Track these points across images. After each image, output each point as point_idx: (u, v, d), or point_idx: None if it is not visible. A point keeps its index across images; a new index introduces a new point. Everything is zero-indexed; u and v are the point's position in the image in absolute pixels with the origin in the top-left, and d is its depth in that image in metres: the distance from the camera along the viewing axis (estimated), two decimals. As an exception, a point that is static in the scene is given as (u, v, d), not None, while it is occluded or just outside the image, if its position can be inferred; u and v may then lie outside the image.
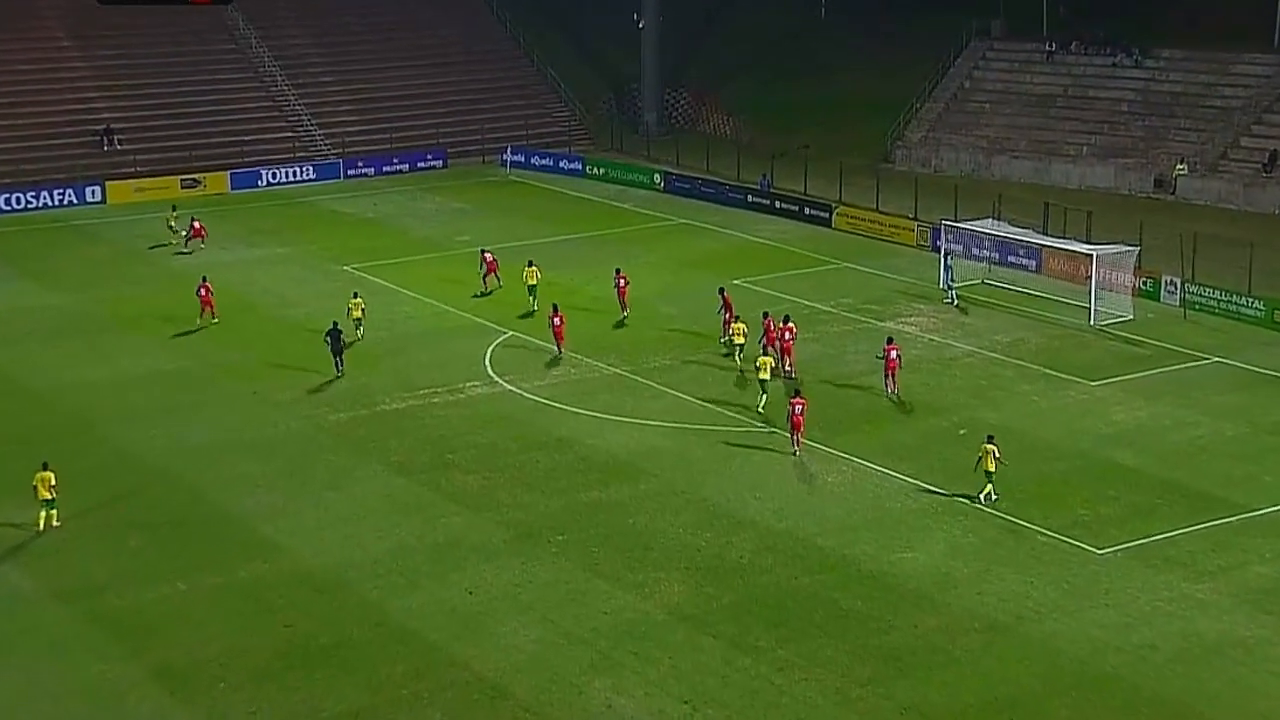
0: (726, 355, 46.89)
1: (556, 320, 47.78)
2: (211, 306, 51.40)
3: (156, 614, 31.48)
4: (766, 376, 42.67)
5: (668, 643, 30.22)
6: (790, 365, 45.35)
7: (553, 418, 42.74)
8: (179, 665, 29.41)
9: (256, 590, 32.53)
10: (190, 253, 61.45)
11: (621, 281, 52.15)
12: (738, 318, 47.65)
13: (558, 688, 28.65)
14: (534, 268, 53.45)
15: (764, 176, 72.48)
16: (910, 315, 52.55)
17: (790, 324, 46.28)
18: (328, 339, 45.86)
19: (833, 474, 38.68)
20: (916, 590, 32.35)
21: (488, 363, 47.50)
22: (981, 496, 36.36)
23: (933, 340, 49.70)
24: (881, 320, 51.31)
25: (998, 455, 36.25)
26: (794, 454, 39.51)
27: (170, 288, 55.87)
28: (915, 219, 63.86)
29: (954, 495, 36.90)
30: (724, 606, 31.72)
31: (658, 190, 74.74)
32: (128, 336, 50.75)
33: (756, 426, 41.82)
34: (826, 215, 66.96)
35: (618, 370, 46.84)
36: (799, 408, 39.46)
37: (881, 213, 65.89)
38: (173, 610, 31.63)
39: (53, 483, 35.01)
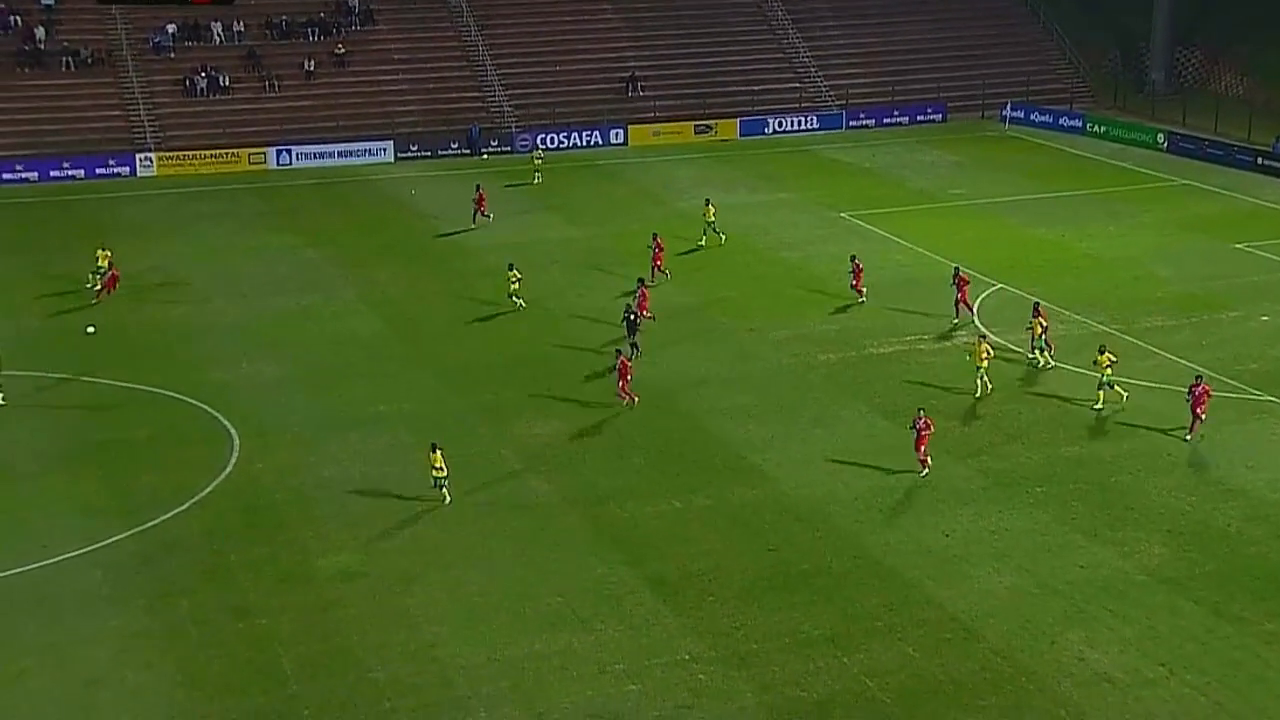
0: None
1: (960, 281, 45.60)
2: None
3: (653, 527, 32.90)
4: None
5: (1145, 603, 29.05)
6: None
7: (1035, 372, 41.63)
8: (671, 576, 30.64)
9: (744, 514, 33.45)
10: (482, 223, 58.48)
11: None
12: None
13: (1030, 635, 28.08)
14: (711, 205, 55.22)
15: (1278, 139, 67.51)
16: None
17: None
18: (623, 323, 43.96)
19: (1334, 450, 35.98)
20: None
21: (975, 313, 46.69)
22: None
23: None
24: (1399, 293, 47.04)
25: None
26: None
27: (680, 226, 57.73)
28: None
29: None
30: (1207, 573, 30.18)
31: (1160, 150, 71.06)
32: (637, 270, 52.72)
33: (1252, 394, 39.35)
34: (1343, 180, 61.99)
35: (1106, 328, 45.04)
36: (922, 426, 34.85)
37: (1407, 180, 60.40)
38: (667, 525, 32.96)
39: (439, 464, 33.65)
